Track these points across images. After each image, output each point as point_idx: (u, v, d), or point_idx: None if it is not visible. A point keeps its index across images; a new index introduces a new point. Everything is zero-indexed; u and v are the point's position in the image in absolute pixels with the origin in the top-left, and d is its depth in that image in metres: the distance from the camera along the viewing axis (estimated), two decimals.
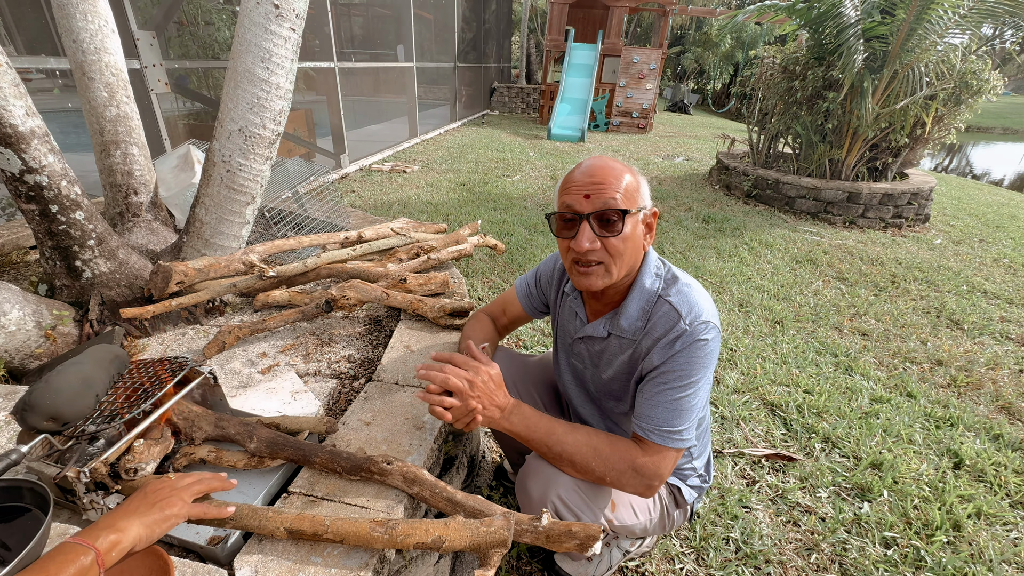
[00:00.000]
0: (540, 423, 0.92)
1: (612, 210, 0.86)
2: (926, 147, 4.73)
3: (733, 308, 2.75)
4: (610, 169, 0.89)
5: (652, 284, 0.95)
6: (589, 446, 0.90)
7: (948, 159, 11.41)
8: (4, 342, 1.19)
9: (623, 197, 0.87)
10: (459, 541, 0.77)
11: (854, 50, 3.94)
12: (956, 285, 3.16)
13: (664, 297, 0.93)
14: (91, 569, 0.59)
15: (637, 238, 0.91)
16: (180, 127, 3.77)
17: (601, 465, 0.90)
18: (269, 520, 0.78)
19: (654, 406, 0.90)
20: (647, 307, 0.95)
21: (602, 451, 0.90)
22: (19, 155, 1.21)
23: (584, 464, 0.90)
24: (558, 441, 0.91)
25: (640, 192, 0.91)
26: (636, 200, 0.89)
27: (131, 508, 0.69)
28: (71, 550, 0.60)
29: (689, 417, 0.90)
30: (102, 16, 1.62)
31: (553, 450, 0.92)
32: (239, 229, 1.63)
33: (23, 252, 1.92)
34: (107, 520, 0.66)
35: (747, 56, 15.44)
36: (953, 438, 1.80)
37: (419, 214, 4.02)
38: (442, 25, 8.21)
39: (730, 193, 5.25)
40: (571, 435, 0.92)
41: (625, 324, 0.96)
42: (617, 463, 0.89)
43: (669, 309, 0.91)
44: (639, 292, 0.95)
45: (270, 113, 1.50)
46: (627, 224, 0.88)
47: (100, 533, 0.63)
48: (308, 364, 1.35)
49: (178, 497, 0.72)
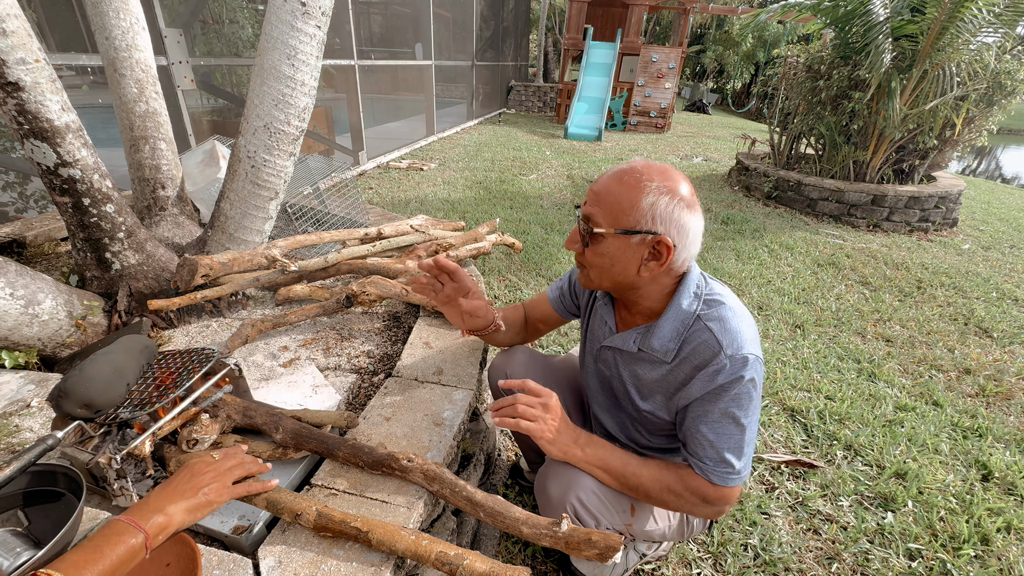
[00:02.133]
0: (613, 456, 0.94)
1: (585, 223, 0.87)
2: (955, 149, 4.60)
3: (753, 311, 2.71)
4: (619, 181, 0.84)
5: (690, 305, 0.90)
6: (663, 481, 0.91)
7: (977, 162, 11.08)
8: (38, 331, 1.23)
9: (607, 215, 0.84)
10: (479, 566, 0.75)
11: (882, 49, 3.85)
12: (985, 292, 3.07)
13: (703, 320, 0.89)
14: (140, 551, 0.60)
15: (621, 259, 0.86)
16: (204, 123, 3.84)
17: (674, 499, 0.92)
18: (300, 503, 0.79)
19: (708, 446, 0.88)
20: (682, 329, 0.91)
21: (674, 486, 0.91)
22: (54, 149, 1.24)
23: (659, 497, 0.92)
24: (633, 474, 0.92)
25: (638, 214, 0.82)
26: (624, 220, 0.83)
27: (178, 491, 0.70)
28: (123, 530, 0.61)
29: (746, 452, 0.89)
30: (133, 14, 1.65)
31: (629, 483, 0.93)
32: (262, 224, 1.66)
33: (54, 244, 1.98)
34: (156, 502, 0.67)
35: (769, 55, 15.17)
36: (982, 449, 1.75)
37: (436, 211, 4.04)
38: (460, 23, 8.23)
39: (750, 194, 5.17)
40: (644, 469, 0.92)
41: (657, 344, 0.93)
42: (689, 497, 0.91)
43: (709, 337, 0.87)
44: (675, 312, 0.91)
45: (295, 109, 1.51)
46: (602, 242, 0.86)
47: (150, 515, 0.64)
48: (328, 358, 1.37)
49: (222, 484, 0.74)
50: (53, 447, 0.73)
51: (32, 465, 0.70)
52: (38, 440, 0.73)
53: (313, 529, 0.79)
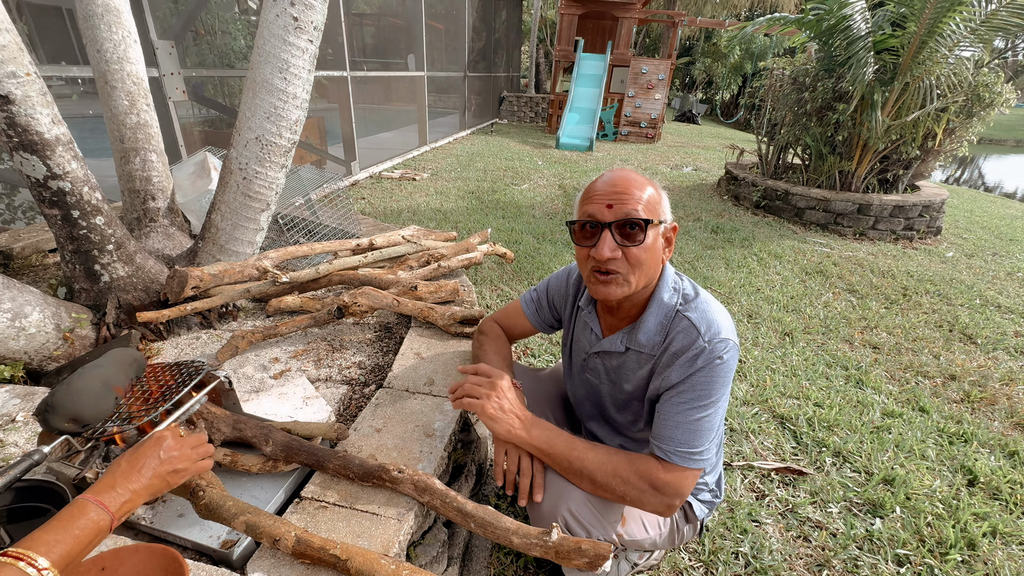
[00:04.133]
0: (560, 439, 0.93)
1: (634, 220, 0.87)
2: (938, 159, 4.70)
3: (742, 319, 2.74)
4: (632, 181, 0.90)
5: (670, 299, 0.95)
6: (609, 464, 0.90)
7: (960, 171, 11.31)
8: (24, 344, 1.21)
9: (645, 208, 0.88)
10: None
11: (864, 62, 3.94)
12: (969, 299, 3.13)
13: (683, 312, 0.93)
14: (106, 530, 0.62)
15: (657, 250, 0.91)
16: (195, 134, 3.84)
17: (621, 485, 0.90)
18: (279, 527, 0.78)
19: (674, 427, 0.90)
20: (665, 322, 0.94)
21: (621, 471, 0.90)
22: (44, 161, 1.24)
23: (604, 483, 0.90)
24: (578, 457, 0.91)
25: (661, 205, 0.92)
26: (658, 212, 0.90)
27: (145, 470, 0.70)
28: (89, 510, 0.62)
29: (709, 437, 0.90)
30: (125, 27, 1.66)
31: (573, 466, 0.92)
32: (253, 235, 1.66)
33: (42, 255, 1.96)
34: (121, 481, 0.67)
35: (756, 67, 15.46)
36: (967, 454, 1.77)
37: (428, 221, 4.05)
38: (453, 35, 8.32)
39: (739, 203, 5.24)
40: (591, 452, 0.92)
41: (644, 339, 0.96)
42: (637, 483, 0.89)
43: (688, 325, 0.91)
44: (657, 306, 0.95)
45: (287, 122, 1.52)
46: (648, 235, 0.88)
47: (113, 495, 0.65)
48: (319, 370, 1.37)
49: (190, 461, 0.75)
50: (39, 462, 0.72)
51: (17, 481, 0.70)
52: (24, 455, 0.72)
53: (292, 555, 0.77)
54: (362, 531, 0.83)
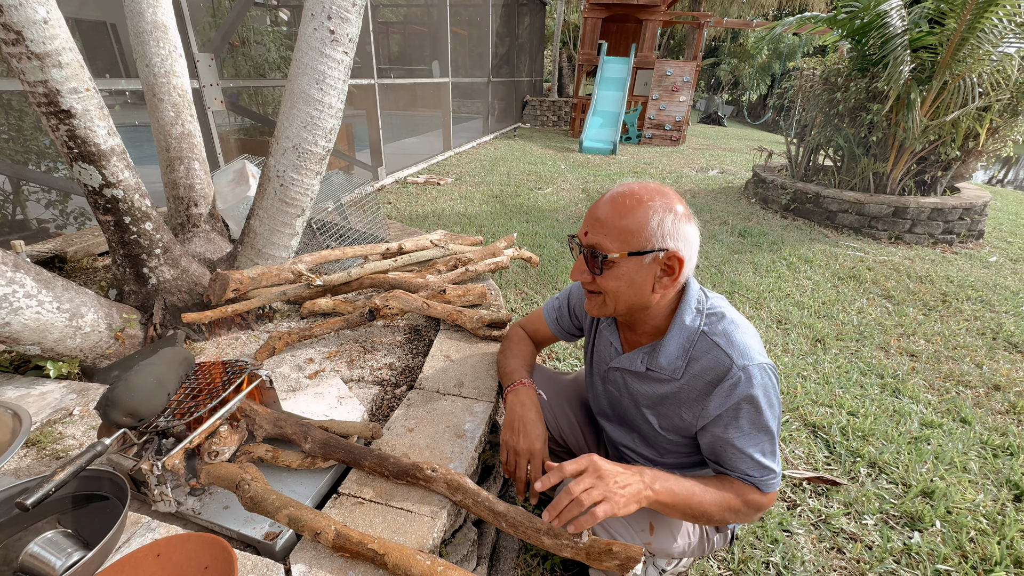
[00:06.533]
0: (681, 488, 0.88)
1: (595, 252, 0.87)
2: (980, 160, 4.51)
3: (771, 325, 2.68)
4: (623, 207, 0.85)
5: (692, 321, 0.92)
6: (724, 501, 0.90)
7: (1004, 172, 10.80)
8: (80, 342, 1.29)
9: (618, 239, 0.85)
10: None
11: (900, 61, 3.82)
12: (1014, 305, 2.99)
13: (709, 336, 0.90)
14: None
15: (636, 280, 0.87)
16: (232, 142, 3.99)
17: (732, 516, 0.91)
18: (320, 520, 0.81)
19: (748, 459, 0.90)
20: (687, 345, 0.92)
21: (733, 503, 0.90)
22: (100, 171, 1.32)
23: (721, 518, 0.91)
24: (699, 503, 0.89)
25: (648, 233, 0.84)
26: (635, 242, 0.84)
27: None
28: None
29: (777, 454, 0.92)
30: (171, 42, 1.75)
31: (693, 511, 0.89)
32: (289, 240, 1.72)
33: (93, 258, 2.07)
34: None
35: (784, 67, 15.12)
36: (1013, 468, 1.70)
37: (453, 226, 4.10)
38: (476, 41, 8.41)
39: (767, 207, 5.14)
40: (708, 495, 0.90)
41: (664, 362, 0.94)
42: (746, 511, 0.91)
43: (718, 353, 0.89)
44: (679, 330, 0.92)
45: (322, 131, 1.58)
46: (609, 267, 0.87)
47: None
48: (352, 370, 1.41)
49: None
50: (102, 453, 0.77)
51: (83, 469, 0.75)
52: (88, 447, 0.77)
53: (332, 548, 0.80)
54: (397, 527, 0.86)
